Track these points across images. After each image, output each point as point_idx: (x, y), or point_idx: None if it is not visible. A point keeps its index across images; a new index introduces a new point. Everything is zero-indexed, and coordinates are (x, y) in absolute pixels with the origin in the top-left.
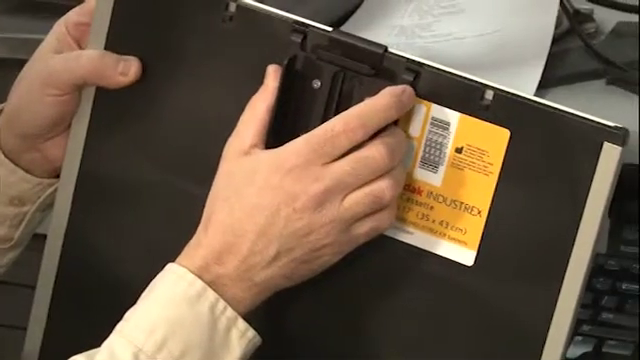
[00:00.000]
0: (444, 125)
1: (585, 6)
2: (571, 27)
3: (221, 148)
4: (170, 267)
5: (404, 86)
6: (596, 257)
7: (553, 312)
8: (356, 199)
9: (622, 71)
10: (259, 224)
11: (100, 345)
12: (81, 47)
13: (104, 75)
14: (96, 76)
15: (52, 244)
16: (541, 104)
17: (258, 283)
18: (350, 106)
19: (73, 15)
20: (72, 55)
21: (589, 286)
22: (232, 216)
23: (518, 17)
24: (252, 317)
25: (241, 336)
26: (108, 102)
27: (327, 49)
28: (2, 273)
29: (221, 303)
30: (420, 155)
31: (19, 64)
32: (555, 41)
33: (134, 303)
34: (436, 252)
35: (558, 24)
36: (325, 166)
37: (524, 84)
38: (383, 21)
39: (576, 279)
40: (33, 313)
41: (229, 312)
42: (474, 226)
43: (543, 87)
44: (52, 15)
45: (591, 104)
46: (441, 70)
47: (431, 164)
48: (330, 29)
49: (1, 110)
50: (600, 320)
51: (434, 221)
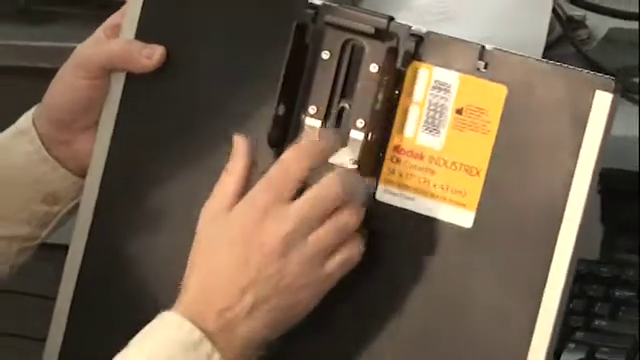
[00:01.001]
0: (446, 87)
1: (577, 12)
2: (564, 33)
3: (241, 131)
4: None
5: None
6: (589, 264)
7: (547, 273)
8: (321, 235)
9: (614, 77)
10: (231, 278)
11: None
12: None
13: (129, 57)
14: (122, 58)
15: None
16: (536, 59)
17: (242, 336)
18: (358, 76)
19: (112, 18)
20: (101, 41)
21: (582, 293)
22: (207, 276)
23: (510, 23)
24: None
25: None
26: (136, 91)
27: (337, 20)
28: (14, 273)
29: (216, 354)
30: (423, 120)
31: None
32: (548, 47)
33: (154, 316)
34: (436, 216)
35: (551, 30)
36: (285, 208)
37: None
38: None
39: (570, 234)
40: (52, 327)
41: None
42: (473, 187)
43: None
44: (55, 23)
45: None
46: (443, 35)
47: (433, 128)
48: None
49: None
50: (593, 327)
51: (435, 185)
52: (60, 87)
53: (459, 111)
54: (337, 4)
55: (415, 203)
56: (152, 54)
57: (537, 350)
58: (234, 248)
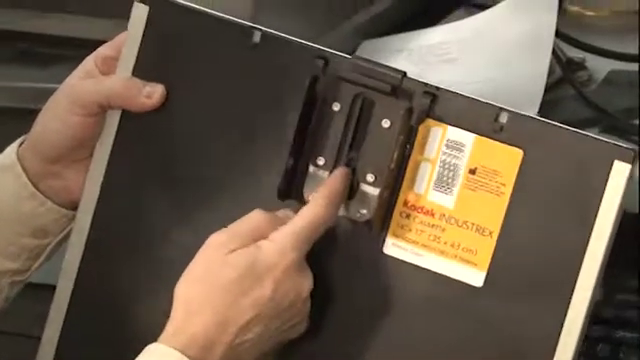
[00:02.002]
0: (459, 147)
1: (577, 54)
2: (564, 75)
3: (247, 184)
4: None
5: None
6: None
7: (560, 331)
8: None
9: (615, 119)
10: (247, 314)
11: None
12: None
13: (129, 96)
14: (121, 97)
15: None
16: (554, 125)
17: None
18: (368, 130)
19: (103, 49)
20: (99, 77)
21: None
22: (231, 307)
23: (511, 65)
24: None
25: None
26: (131, 131)
27: (349, 72)
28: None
29: None
30: (434, 177)
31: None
32: (548, 89)
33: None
34: (446, 274)
35: (551, 72)
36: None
37: None
38: None
39: (585, 295)
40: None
41: None
42: (485, 247)
43: None
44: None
45: None
46: (457, 94)
47: (445, 186)
48: (350, 56)
49: (22, 142)
50: None
51: (445, 243)
52: (51, 122)
53: (472, 171)
54: (347, 56)
55: (424, 259)
56: (152, 93)
57: None
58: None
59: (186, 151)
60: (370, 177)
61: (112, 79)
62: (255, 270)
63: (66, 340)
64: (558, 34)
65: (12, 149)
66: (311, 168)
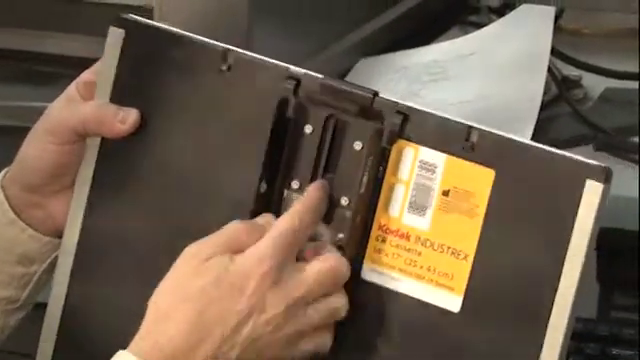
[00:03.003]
0: (432, 168)
1: (573, 72)
2: (559, 93)
3: (222, 207)
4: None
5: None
6: (586, 322)
7: (540, 354)
8: (311, 313)
9: (610, 137)
10: (228, 328)
11: None
12: None
13: (103, 122)
14: (95, 122)
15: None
16: (525, 143)
17: None
18: (341, 152)
19: (84, 75)
20: (74, 101)
21: (579, 351)
22: (199, 316)
23: (506, 83)
24: None
25: None
26: (111, 157)
27: (319, 94)
28: (8, 335)
29: None
30: (408, 200)
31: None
32: (544, 107)
33: None
34: (423, 299)
35: (546, 90)
36: (293, 272)
37: None
38: (373, 87)
39: (562, 317)
40: None
41: None
42: (460, 271)
43: None
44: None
45: None
46: (429, 113)
47: (419, 208)
48: (322, 76)
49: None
50: None
51: (421, 267)
52: (30, 150)
53: (445, 193)
54: (319, 76)
55: (401, 284)
56: (126, 118)
57: None
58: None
59: (164, 175)
60: (344, 200)
61: (87, 105)
62: (228, 278)
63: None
64: (554, 52)
65: None
66: (286, 192)
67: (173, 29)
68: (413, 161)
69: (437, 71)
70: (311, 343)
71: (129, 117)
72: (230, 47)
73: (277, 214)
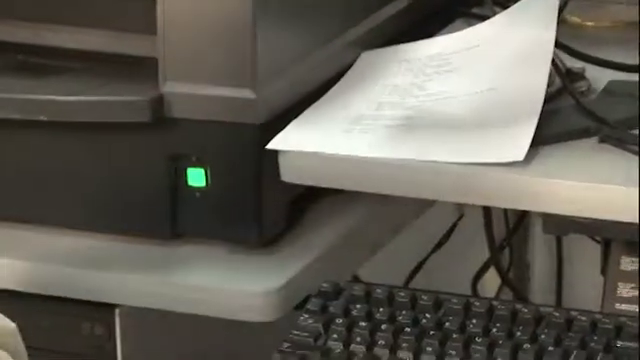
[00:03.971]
0: None
1: (577, 65)
2: (563, 86)
3: None
4: None
5: None
6: (590, 315)
7: None
8: None
9: (614, 129)
10: None
11: None
12: None
13: None
14: None
15: None
16: None
17: None
18: None
19: None
20: None
21: (583, 344)
22: None
23: (510, 76)
24: None
25: None
26: None
27: None
28: None
29: None
30: None
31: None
32: (547, 100)
33: None
34: None
35: (550, 83)
36: None
37: (517, 142)
38: (376, 80)
39: None
40: None
41: None
42: None
43: (535, 145)
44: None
45: (583, 162)
46: None
47: None
48: None
49: None
50: None
51: None
52: None
53: None
54: None
55: None
56: None
57: None
58: None
59: None
60: None
61: None
62: None
63: None
64: (557, 44)
65: None
66: None
67: None
68: None
69: (441, 63)
70: None
71: None
72: None
73: None
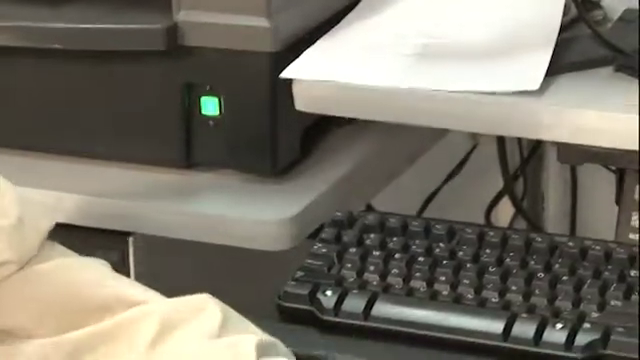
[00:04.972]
0: None
1: None
2: (579, 14)
3: None
4: None
5: None
6: (604, 245)
7: None
8: None
9: (630, 58)
10: None
11: None
12: None
13: None
14: None
15: None
16: None
17: None
18: None
19: None
20: None
21: (597, 274)
22: None
23: (526, 5)
24: None
25: None
26: None
27: None
28: None
29: None
30: None
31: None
32: (563, 28)
33: None
34: None
35: (566, 12)
36: None
37: (532, 71)
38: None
39: None
40: None
41: None
42: None
43: (551, 74)
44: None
45: (599, 91)
46: None
47: None
48: None
49: None
50: (608, 308)
51: None
52: None
53: None
54: None
55: None
56: None
57: None
58: None
59: None
60: None
61: None
62: None
63: None
64: None
65: None
66: None
67: None
68: None
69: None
70: None
71: None
72: None
73: None
